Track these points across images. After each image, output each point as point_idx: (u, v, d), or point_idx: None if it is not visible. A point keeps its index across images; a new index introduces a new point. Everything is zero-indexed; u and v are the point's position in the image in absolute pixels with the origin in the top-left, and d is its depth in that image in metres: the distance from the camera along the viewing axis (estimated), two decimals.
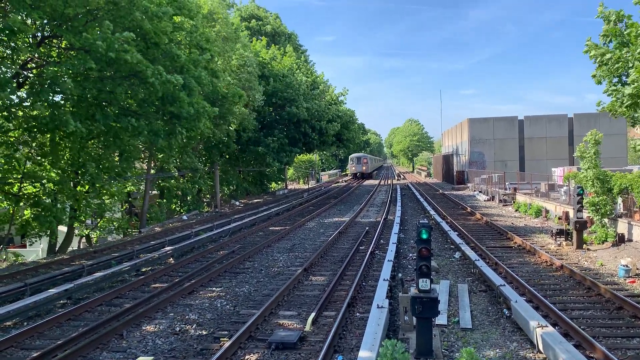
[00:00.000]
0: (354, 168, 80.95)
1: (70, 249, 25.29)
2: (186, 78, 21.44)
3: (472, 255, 16.09)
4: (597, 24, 17.98)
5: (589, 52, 17.87)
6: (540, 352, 8.75)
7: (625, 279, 13.92)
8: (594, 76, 18.28)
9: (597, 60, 17.74)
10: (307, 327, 10.25)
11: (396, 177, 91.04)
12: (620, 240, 18.10)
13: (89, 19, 17.17)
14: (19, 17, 14.41)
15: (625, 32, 16.92)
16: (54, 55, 19.05)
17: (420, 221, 8.68)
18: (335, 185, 68.31)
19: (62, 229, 26.78)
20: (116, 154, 24.93)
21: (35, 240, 26.28)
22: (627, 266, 14.30)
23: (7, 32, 14.27)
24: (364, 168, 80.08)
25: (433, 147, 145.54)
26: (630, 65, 16.42)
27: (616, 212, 19.58)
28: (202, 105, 22.28)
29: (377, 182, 71.87)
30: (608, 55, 17.30)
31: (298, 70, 51.41)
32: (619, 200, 19.58)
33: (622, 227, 18.75)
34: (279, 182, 64.45)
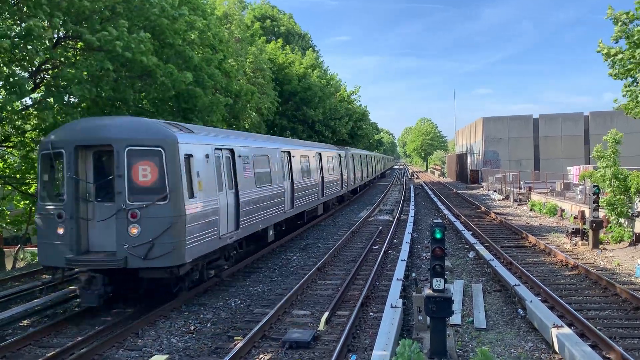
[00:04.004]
0: None
1: None
2: (199, 76, 21.55)
3: (486, 254, 16.01)
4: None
5: (601, 51, 17.67)
6: (556, 353, 8.68)
7: None
8: (610, 74, 18.10)
9: (611, 60, 17.53)
10: (321, 327, 10.27)
11: (409, 177, 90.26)
12: (638, 239, 17.85)
13: (105, 17, 17.31)
14: (38, 22, 14.58)
15: (636, 30, 16.65)
16: (70, 56, 19.27)
17: (434, 220, 8.66)
18: None
19: None
20: None
21: None
22: None
23: (23, 35, 14.44)
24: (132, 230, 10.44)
25: (447, 146, 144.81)
26: None
27: (633, 211, 19.32)
28: (216, 98, 22.41)
29: (388, 182, 71.52)
30: (620, 56, 17.07)
31: (313, 73, 51.36)
32: (636, 199, 19.32)
33: (639, 226, 18.49)
34: None
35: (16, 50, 15.48)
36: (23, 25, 14.48)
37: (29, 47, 15.33)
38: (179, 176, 10.69)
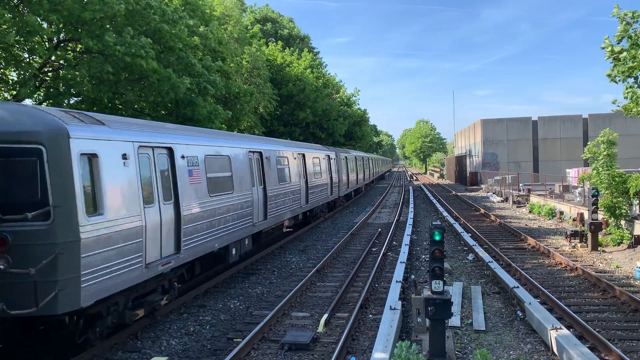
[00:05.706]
0: None
1: None
2: (200, 83, 21.57)
3: (485, 256, 16.02)
4: (615, 24, 17.53)
5: (606, 48, 17.63)
6: (555, 355, 8.69)
7: None
8: (609, 75, 18.05)
9: (613, 58, 17.49)
10: (320, 328, 10.28)
11: (408, 179, 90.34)
12: (637, 242, 17.87)
13: (106, 23, 17.35)
14: (35, 19, 14.64)
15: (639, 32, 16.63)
16: (71, 58, 19.31)
17: (433, 222, 8.68)
18: None
19: None
20: None
21: None
22: None
23: (24, 33, 14.49)
24: None
25: (446, 148, 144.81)
26: None
27: (632, 213, 19.35)
28: (215, 108, 22.46)
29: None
30: (624, 54, 17.05)
31: (311, 74, 51.22)
32: (635, 201, 19.34)
33: (638, 228, 18.51)
34: None
35: (16, 48, 15.50)
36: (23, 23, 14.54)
37: (29, 44, 15.39)
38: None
